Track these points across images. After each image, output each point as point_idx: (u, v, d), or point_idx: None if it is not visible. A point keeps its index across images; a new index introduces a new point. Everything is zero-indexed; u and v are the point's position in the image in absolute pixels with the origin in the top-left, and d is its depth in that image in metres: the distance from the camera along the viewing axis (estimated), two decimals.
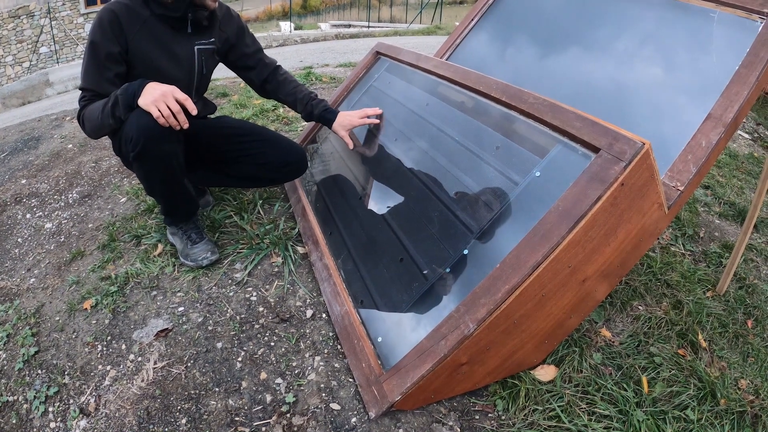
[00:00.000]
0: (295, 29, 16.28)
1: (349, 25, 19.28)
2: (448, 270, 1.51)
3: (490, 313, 1.27)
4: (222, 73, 5.09)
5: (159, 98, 1.63)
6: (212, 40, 2.02)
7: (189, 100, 1.67)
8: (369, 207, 1.99)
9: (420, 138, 1.96)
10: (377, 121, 2.20)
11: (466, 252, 1.49)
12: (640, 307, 2.02)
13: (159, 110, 1.63)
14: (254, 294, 1.94)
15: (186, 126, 1.69)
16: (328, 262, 1.95)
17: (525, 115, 1.55)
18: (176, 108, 1.65)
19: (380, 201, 1.95)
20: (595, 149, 1.30)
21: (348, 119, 2.20)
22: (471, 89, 1.82)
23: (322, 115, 2.23)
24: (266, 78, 2.25)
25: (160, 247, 2.18)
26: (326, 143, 2.61)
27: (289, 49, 9.25)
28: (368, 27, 16.30)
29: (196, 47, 1.96)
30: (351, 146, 2.22)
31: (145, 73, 1.80)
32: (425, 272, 1.58)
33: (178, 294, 1.94)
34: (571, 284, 1.37)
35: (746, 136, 4.61)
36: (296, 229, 2.27)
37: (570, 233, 1.23)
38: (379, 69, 2.54)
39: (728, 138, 1.66)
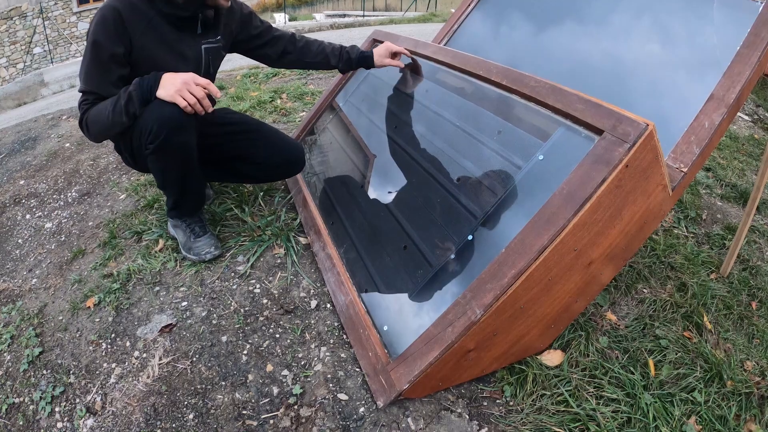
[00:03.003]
0: (290, 20, 16.17)
1: (344, 15, 19.18)
2: (453, 256, 1.51)
3: (497, 298, 1.27)
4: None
5: (182, 87, 1.60)
6: (218, 38, 1.96)
7: (211, 84, 1.64)
8: (371, 195, 1.98)
9: (421, 125, 1.95)
10: (408, 54, 2.21)
11: (470, 238, 1.49)
12: (644, 290, 2.02)
13: (184, 98, 1.60)
14: (258, 286, 1.93)
15: (210, 110, 1.68)
16: (331, 252, 1.94)
17: (526, 99, 1.54)
18: (201, 93, 1.62)
19: (382, 189, 1.94)
20: (599, 131, 1.29)
21: (384, 48, 2.21)
22: (471, 74, 1.81)
23: (361, 58, 2.23)
24: (284, 49, 2.20)
25: (162, 242, 2.17)
26: (325, 133, 2.60)
27: None
28: (363, 16, 16.23)
29: (203, 46, 1.90)
30: (402, 65, 2.23)
31: (149, 73, 1.73)
32: (430, 259, 1.57)
33: (181, 289, 1.93)
34: (577, 267, 1.37)
35: (746, 118, 4.60)
36: (298, 220, 2.25)
37: (575, 216, 1.22)
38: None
39: (731, 119, 1.66)
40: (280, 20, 15.85)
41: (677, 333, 1.83)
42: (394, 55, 2.23)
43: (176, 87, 1.60)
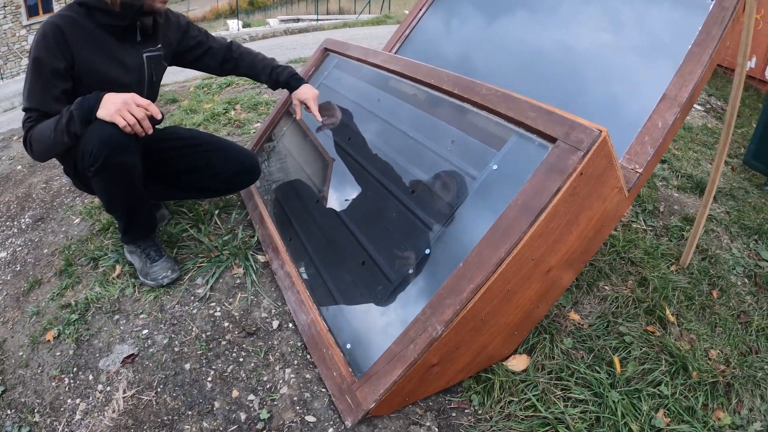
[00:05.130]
0: (244, 27, 15.90)
1: (298, 20, 18.91)
2: (411, 271, 1.48)
3: (457, 313, 1.24)
4: (170, 78, 5.00)
5: (121, 107, 1.55)
6: (159, 46, 1.93)
7: (152, 105, 1.60)
8: (326, 210, 1.94)
9: (374, 135, 1.91)
10: (320, 119, 2.13)
11: (428, 251, 1.46)
12: (606, 287, 2.02)
13: (124, 118, 1.55)
14: (218, 309, 1.88)
15: (150, 131, 1.62)
16: (290, 270, 1.89)
17: (478, 107, 1.51)
18: (141, 114, 1.57)
19: (337, 202, 1.90)
20: (552, 139, 1.27)
21: (307, 94, 2.14)
22: (422, 83, 1.77)
23: (289, 82, 2.19)
24: (223, 58, 2.18)
25: (119, 268, 2.09)
26: (279, 146, 2.55)
27: None
28: (317, 20, 16.01)
29: (144, 55, 1.87)
30: (299, 116, 2.18)
31: (94, 86, 1.69)
32: (388, 274, 1.54)
33: (141, 316, 1.86)
34: (536, 276, 1.35)
35: (699, 108, 4.67)
36: (255, 237, 2.20)
37: (531, 227, 1.20)
38: (328, 66, 2.48)
39: (684, 117, 1.66)
40: (233, 27, 15.61)
41: (641, 328, 1.84)
42: (308, 107, 2.16)
43: (116, 107, 1.55)
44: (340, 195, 1.90)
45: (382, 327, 1.49)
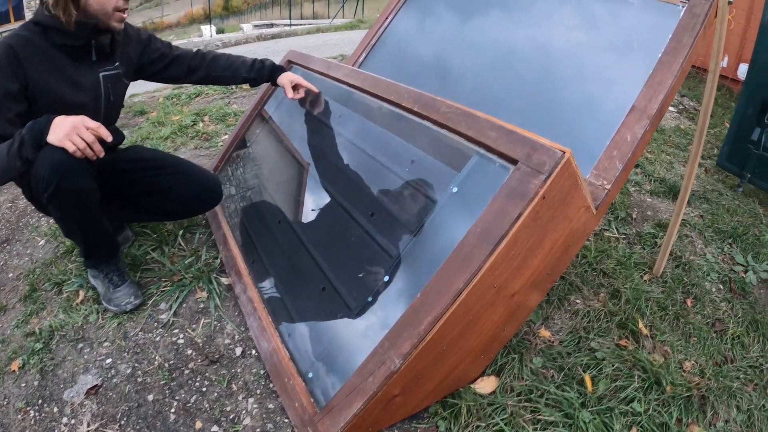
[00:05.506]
0: (218, 32, 15.55)
1: (272, 25, 18.49)
2: (370, 299, 1.40)
3: (415, 346, 1.17)
4: (140, 88, 4.88)
5: (71, 131, 1.48)
6: (116, 64, 1.86)
7: (102, 127, 1.53)
8: (287, 232, 1.86)
9: (334, 154, 1.83)
10: (316, 90, 2.09)
11: (387, 279, 1.38)
12: (577, 301, 1.96)
13: (73, 143, 1.49)
14: (181, 336, 1.79)
15: (102, 155, 1.55)
16: (252, 295, 1.81)
17: (439, 126, 1.43)
18: (90, 138, 1.50)
19: (297, 224, 1.83)
20: (513, 161, 1.20)
21: (295, 75, 2.12)
22: (383, 99, 1.69)
23: (273, 72, 2.14)
24: (189, 66, 2.10)
25: (82, 293, 1.99)
26: (242, 163, 2.46)
27: None
28: (290, 26, 15.63)
29: (101, 74, 1.81)
30: (290, 96, 2.10)
31: (49, 106, 1.64)
32: (348, 302, 1.47)
33: (105, 344, 1.78)
34: (499, 301, 1.28)
35: (672, 109, 4.62)
36: (219, 258, 2.12)
37: (491, 256, 1.13)
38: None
39: (654, 128, 1.60)
40: (206, 33, 15.32)
41: (613, 343, 1.79)
42: (296, 87, 2.13)
43: (65, 131, 1.48)
44: (301, 216, 1.83)
45: (343, 356, 1.42)
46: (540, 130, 1.23)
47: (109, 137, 1.55)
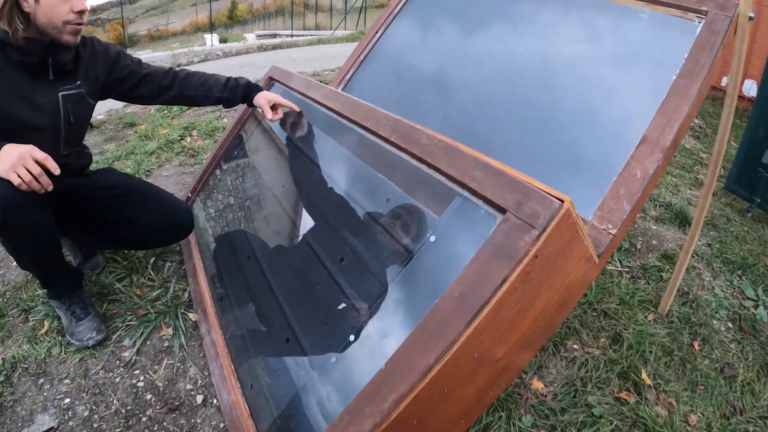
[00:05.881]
0: (221, 41, 15.40)
1: (275, 35, 18.35)
2: (334, 359, 1.19)
3: (377, 425, 0.96)
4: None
5: (17, 162, 1.34)
6: (78, 83, 1.69)
7: (49, 159, 1.39)
8: (255, 269, 1.65)
9: (308, 185, 1.63)
10: (297, 108, 1.87)
11: (352, 338, 1.17)
12: (575, 347, 1.75)
13: (19, 175, 1.34)
14: (142, 378, 1.61)
15: (50, 188, 1.41)
16: (216, 338, 1.61)
17: (418, 160, 1.20)
18: (37, 170, 1.36)
19: (266, 262, 1.62)
20: (501, 209, 0.98)
21: (273, 95, 1.90)
22: (361, 126, 1.45)
23: (248, 92, 1.93)
24: (161, 86, 1.90)
25: (47, 323, 1.82)
26: (219, 188, 2.25)
27: (210, 65, 8.59)
28: (291, 36, 15.32)
29: (60, 94, 1.64)
30: (269, 117, 1.87)
31: (5, 128, 1.52)
32: (310, 359, 1.26)
33: (65, 381, 1.61)
34: (481, 369, 1.07)
35: None
36: (189, 291, 1.93)
37: (470, 326, 0.92)
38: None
39: (667, 162, 1.39)
40: (209, 42, 15.20)
41: (612, 396, 1.58)
42: (275, 107, 1.90)
43: (11, 162, 1.34)
44: (270, 254, 1.62)
45: (302, 421, 1.21)
46: (538, 157, 1.01)
47: (56, 169, 1.40)
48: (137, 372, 1.64)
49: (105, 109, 4.46)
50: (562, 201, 0.92)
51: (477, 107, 1.73)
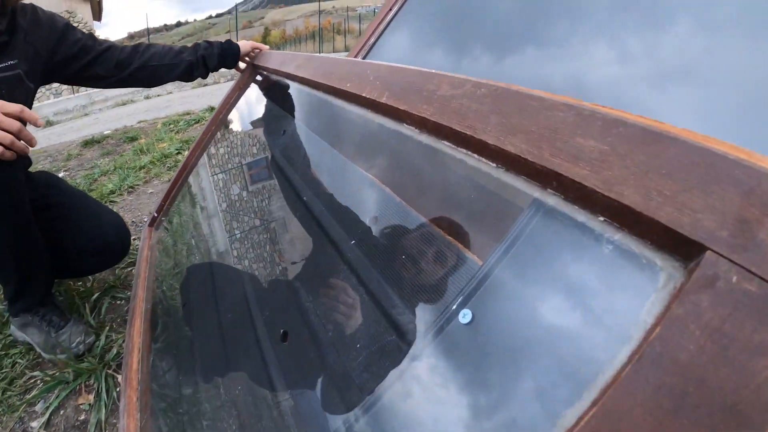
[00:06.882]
0: None
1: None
2: None
3: None
4: (148, 114, 4.17)
5: None
6: (13, 62, 1.29)
7: (26, 110, 1.06)
8: (197, 315, 1.11)
9: (277, 206, 1.07)
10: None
11: None
12: None
13: None
14: None
15: (35, 143, 1.11)
16: (128, 423, 0.98)
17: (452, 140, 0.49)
18: (16, 126, 1.03)
19: (250, 311, 1.02)
20: (686, 255, 0.29)
21: (249, 46, 1.64)
22: (343, 94, 0.79)
23: (224, 53, 1.60)
24: (119, 61, 1.50)
25: None
26: (180, 209, 1.70)
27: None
28: None
29: None
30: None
31: None
32: None
33: None
34: None
35: None
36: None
37: None
38: (253, 90, 1.59)
39: None
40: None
41: None
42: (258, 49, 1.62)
43: None
44: (254, 298, 1.01)
45: None
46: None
47: (38, 121, 1.10)
48: None
49: (113, 126, 4.11)
50: None
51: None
